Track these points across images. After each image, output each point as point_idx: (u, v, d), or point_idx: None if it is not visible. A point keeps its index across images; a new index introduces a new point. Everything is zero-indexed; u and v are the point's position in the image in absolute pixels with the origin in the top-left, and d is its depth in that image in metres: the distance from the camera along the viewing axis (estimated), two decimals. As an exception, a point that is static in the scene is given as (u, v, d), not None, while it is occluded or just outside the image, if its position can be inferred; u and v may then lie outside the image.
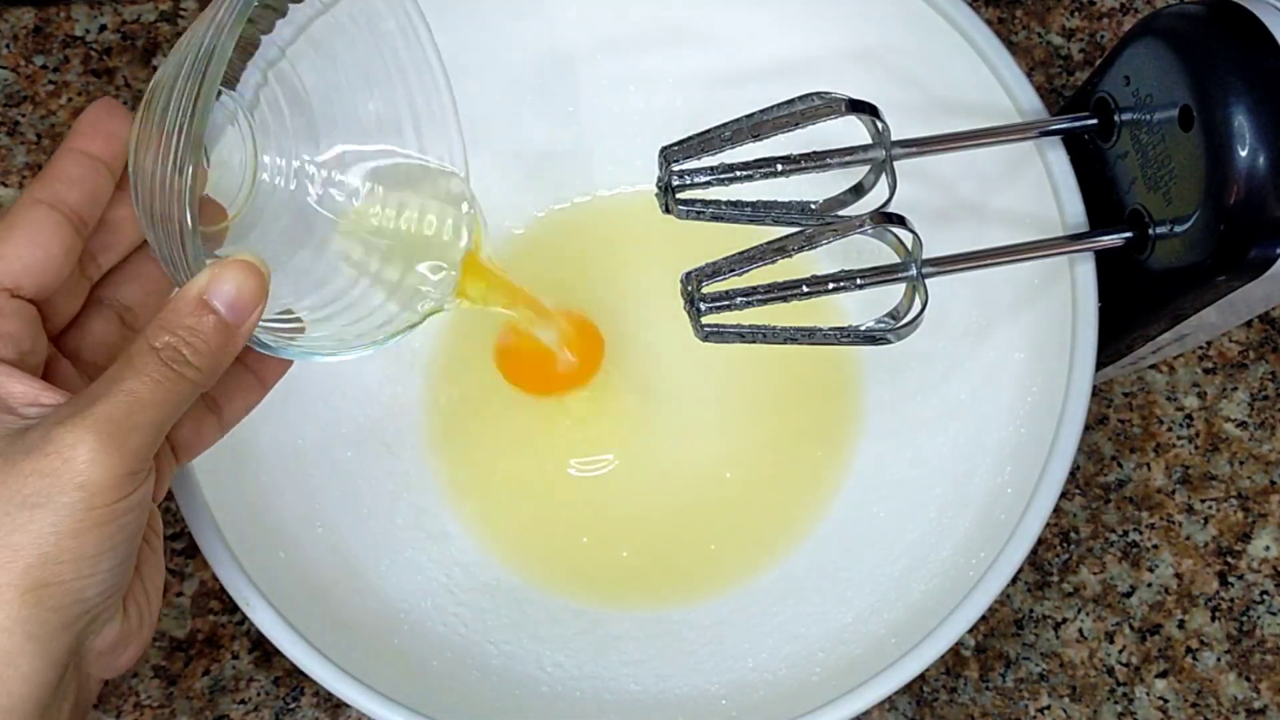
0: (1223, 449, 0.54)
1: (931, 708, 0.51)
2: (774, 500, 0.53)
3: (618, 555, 0.52)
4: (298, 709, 0.51)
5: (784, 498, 0.53)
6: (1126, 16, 0.59)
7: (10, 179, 0.57)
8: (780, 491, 0.53)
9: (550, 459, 0.53)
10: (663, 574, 0.52)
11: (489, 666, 0.48)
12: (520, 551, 0.52)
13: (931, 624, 0.43)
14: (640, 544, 0.52)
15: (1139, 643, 0.52)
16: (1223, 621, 0.52)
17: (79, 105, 0.58)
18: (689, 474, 0.53)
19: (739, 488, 0.53)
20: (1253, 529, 0.53)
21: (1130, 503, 0.53)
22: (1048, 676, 0.51)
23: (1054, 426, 0.45)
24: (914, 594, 0.47)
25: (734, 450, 0.54)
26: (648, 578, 0.52)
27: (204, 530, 0.44)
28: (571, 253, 0.56)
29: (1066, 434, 0.44)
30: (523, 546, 0.52)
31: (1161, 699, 0.51)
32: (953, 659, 0.52)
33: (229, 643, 0.52)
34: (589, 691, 0.48)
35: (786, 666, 0.48)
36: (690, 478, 0.53)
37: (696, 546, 0.52)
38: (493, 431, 0.54)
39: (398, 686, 0.43)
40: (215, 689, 0.51)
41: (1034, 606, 0.52)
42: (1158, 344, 0.47)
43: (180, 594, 0.52)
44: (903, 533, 0.50)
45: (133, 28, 0.59)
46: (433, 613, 0.49)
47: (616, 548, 0.52)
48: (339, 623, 0.46)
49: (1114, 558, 0.53)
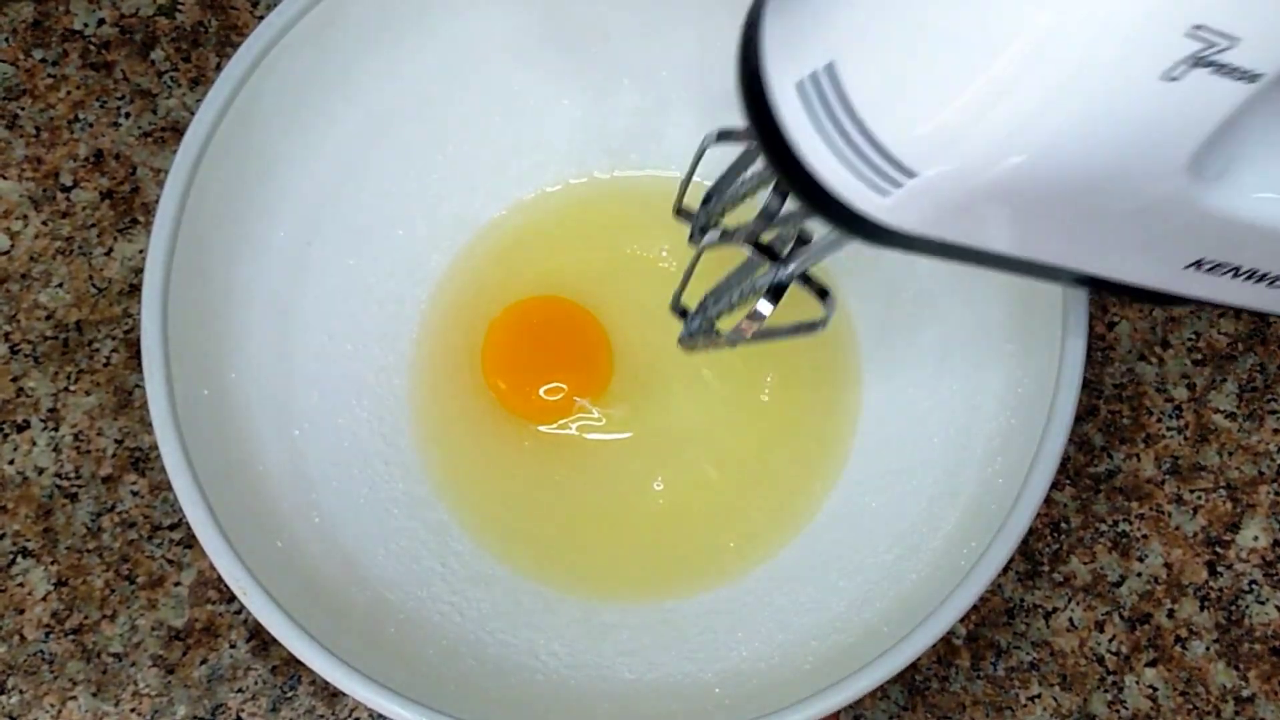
0: (1212, 440, 0.54)
1: (923, 696, 0.51)
2: (768, 492, 0.53)
3: (612, 546, 0.53)
4: (295, 697, 0.51)
5: (778, 489, 0.53)
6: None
7: (9, 172, 0.57)
8: (774, 483, 0.53)
9: (545, 451, 0.54)
10: (657, 565, 0.52)
11: (484, 655, 0.49)
12: (515, 541, 0.52)
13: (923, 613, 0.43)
14: (635, 535, 0.53)
15: (1129, 632, 0.52)
16: (1211, 611, 0.52)
17: (78, 99, 0.58)
18: (684, 465, 0.54)
19: (733, 480, 0.53)
20: (1241, 519, 0.53)
21: (1120, 493, 0.54)
22: (1038, 665, 0.52)
23: (1044, 417, 0.45)
24: (906, 583, 0.48)
25: (728, 442, 0.54)
26: (642, 569, 0.52)
27: (201, 520, 0.44)
28: (559, 238, 0.56)
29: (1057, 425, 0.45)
30: (517, 536, 0.52)
31: (1151, 687, 0.52)
32: (944, 648, 0.52)
33: (226, 632, 0.52)
34: (584, 680, 0.49)
35: (779, 655, 0.48)
36: (686, 469, 0.54)
37: (691, 538, 0.53)
38: (488, 423, 0.54)
39: (393, 675, 0.43)
40: (213, 678, 0.52)
41: (1024, 596, 0.53)
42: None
43: (178, 584, 0.52)
44: (895, 523, 0.50)
45: (131, 22, 0.59)
46: (428, 602, 0.49)
47: (611, 539, 0.53)
48: (335, 612, 0.46)
49: (1104, 547, 0.53)
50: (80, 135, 0.58)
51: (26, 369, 0.55)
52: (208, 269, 0.49)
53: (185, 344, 0.47)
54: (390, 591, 0.49)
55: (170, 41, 0.59)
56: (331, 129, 0.52)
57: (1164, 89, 0.27)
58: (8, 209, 0.57)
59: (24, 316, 0.56)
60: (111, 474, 0.54)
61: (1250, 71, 0.27)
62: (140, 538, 0.53)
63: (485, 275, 0.56)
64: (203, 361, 0.48)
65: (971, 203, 0.30)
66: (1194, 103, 0.28)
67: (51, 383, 0.55)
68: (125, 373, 0.55)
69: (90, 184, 0.57)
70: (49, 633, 0.52)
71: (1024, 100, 0.27)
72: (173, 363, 0.46)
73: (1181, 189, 0.30)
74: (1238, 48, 0.27)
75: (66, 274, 0.56)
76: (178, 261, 0.47)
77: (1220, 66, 0.27)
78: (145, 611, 0.52)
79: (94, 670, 0.52)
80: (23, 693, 0.51)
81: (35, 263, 0.56)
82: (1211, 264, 0.34)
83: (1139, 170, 0.29)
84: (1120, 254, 0.33)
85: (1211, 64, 0.27)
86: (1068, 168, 0.29)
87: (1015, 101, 0.27)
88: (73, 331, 0.55)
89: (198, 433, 0.46)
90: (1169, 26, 0.26)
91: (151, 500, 0.53)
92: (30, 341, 0.55)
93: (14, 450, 0.54)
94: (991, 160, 0.28)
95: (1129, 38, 0.26)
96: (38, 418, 0.54)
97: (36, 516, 0.53)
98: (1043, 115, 0.27)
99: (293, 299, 0.52)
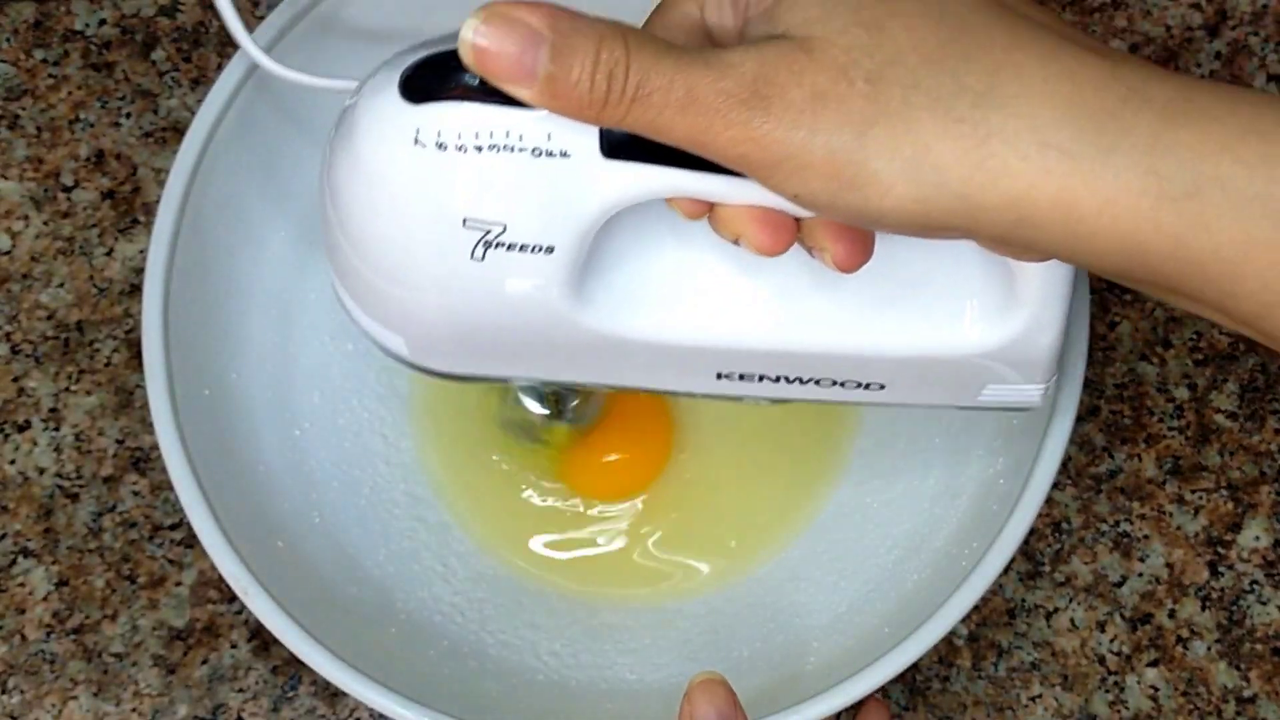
0: (1213, 440, 0.54)
1: (924, 696, 0.51)
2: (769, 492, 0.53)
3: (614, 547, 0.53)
4: (296, 697, 0.51)
5: (779, 490, 0.53)
6: (1118, 11, 0.59)
7: (10, 172, 0.57)
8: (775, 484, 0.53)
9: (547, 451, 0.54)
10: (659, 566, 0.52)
11: (485, 655, 0.49)
12: (515, 542, 0.52)
13: (925, 613, 0.43)
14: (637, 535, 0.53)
15: (1130, 632, 0.52)
16: (1213, 611, 0.52)
17: (79, 99, 0.58)
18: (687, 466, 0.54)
19: (734, 480, 0.54)
20: (1243, 519, 0.53)
21: (1121, 493, 0.54)
22: (1040, 665, 0.52)
23: (1046, 418, 0.45)
24: (907, 584, 0.48)
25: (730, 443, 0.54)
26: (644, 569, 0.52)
27: (202, 520, 0.44)
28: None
29: (1058, 425, 0.45)
30: (518, 537, 0.52)
31: (1152, 688, 0.52)
32: (945, 648, 0.52)
33: (228, 632, 0.52)
34: (585, 680, 0.49)
35: (781, 656, 0.48)
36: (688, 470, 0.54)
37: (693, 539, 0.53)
38: (490, 423, 0.54)
39: (395, 675, 0.43)
40: (214, 677, 0.52)
41: (1026, 596, 0.53)
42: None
43: (179, 584, 0.52)
44: (896, 523, 0.50)
45: (132, 22, 0.59)
46: (430, 602, 0.49)
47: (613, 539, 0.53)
48: (336, 611, 0.46)
49: (1105, 548, 0.53)
50: (81, 135, 0.58)
51: (27, 369, 0.55)
52: (209, 269, 0.49)
53: (186, 344, 0.47)
54: (391, 591, 0.49)
55: (171, 42, 0.59)
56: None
57: (477, 267, 0.35)
58: (9, 209, 0.57)
59: (25, 316, 0.56)
60: (112, 474, 0.54)
61: (539, 245, 0.34)
62: (141, 538, 0.53)
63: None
64: (204, 361, 0.48)
65: (451, 351, 0.38)
66: (506, 271, 0.35)
67: (52, 383, 0.55)
68: (126, 373, 0.55)
69: (91, 184, 0.57)
70: (50, 633, 0.52)
71: (404, 299, 0.37)
72: (174, 363, 0.46)
73: (568, 324, 0.37)
74: (510, 229, 0.34)
75: (67, 274, 0.56)
76: (179, 262, 0.47)
77: (509, 245, 0.34)
78: (146, 611, 0.52)
79: (95, 670, 0.52)
80: (24, 693, 0.51)
81: (36, 263, 0.56)
82: (727, 374, 0.40)
83: (533, 318, 0.36)
84: (611, 370, 0.40)
85: (500, 244, 0.34)
86: (486, 328, 0.37)
87: (407, 299, 0.36)
88: (74, 331, 0.55)
89: (199, 433, 0.46)
90: (448, 221, 0.34)
91: (152, 500, 0.53)
92: (31, 341, 0.55)
93: (15, 450, 0.54)
94: (436, 330, 0.37)
95: (432, 241, 0.34)
96: (39, 418, 0.54)
97: (37, 516, 0.53)
98: (420, 307, 0.36)
99: (294, 299, 0.52)
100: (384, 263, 0.36)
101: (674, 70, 0.31)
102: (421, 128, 0.33)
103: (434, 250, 0.35)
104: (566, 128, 0.33)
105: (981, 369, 0.40)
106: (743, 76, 0.30)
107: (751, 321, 0.39)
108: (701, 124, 0.31)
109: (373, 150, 0.34)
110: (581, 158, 0.33)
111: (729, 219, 0.34)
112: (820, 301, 0.39)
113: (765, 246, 0.34)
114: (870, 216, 0.32)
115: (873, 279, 0.36)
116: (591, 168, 0.33)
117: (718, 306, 0.39)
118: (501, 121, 0.33)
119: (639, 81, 0.30)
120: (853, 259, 0.34)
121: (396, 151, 0.34)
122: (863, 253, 0.34)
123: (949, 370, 0.40)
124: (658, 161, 0.33)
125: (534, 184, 0.34)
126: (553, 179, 0.33)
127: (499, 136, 0.33)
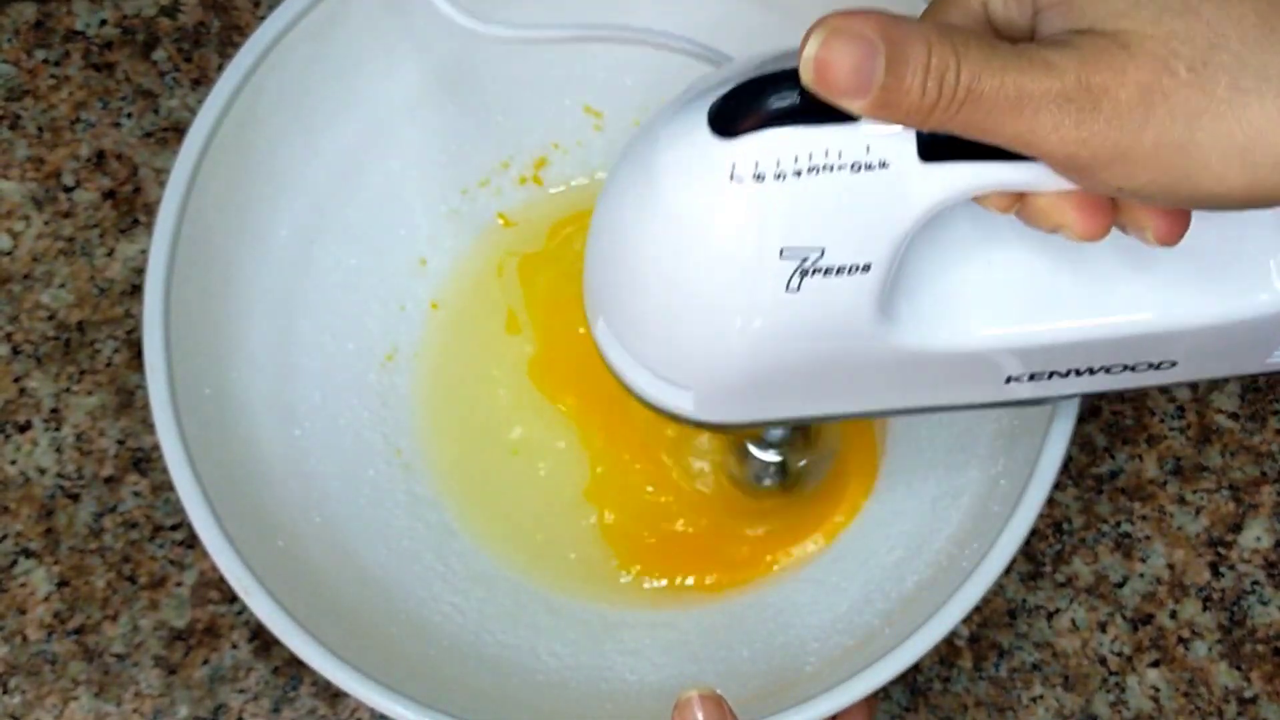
0: (1214, 440, 0.54)
1: (925, 697, 0.51)
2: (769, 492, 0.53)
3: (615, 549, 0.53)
4: (297, 698, 0.51)
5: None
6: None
7: (11, 172, 0.57)
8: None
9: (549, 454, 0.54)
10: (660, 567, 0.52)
11: (485, 655, 0.49)
12: (516, 541, 0.52)
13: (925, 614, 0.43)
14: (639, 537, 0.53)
15: (1131, 632, 0.52)
16: (1214, 611, 0.52)
17: (80, 99, 0.58)
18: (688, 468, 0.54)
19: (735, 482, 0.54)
20: (1244, 520, 0.53)
21: (1122, 494, 0.54)
22: (1041, 666, 0.52)
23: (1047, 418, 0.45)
24: (908, 584, 0.47)
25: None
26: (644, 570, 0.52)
27: (203, 520, 0.44)
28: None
29: (1060, 425, 0.45)
30: (518, 536, 0.52)
31: (1154, 688, 0.52)
32: (946, 649, 0.52)
33: (228, 632, 0.52)
34: (585, 681, 0.49)
35: (781, 656, 0.48)
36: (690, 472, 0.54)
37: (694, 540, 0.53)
38: (492, 425, 0.54)
39: (395, 675, 0.43)
40: (215, 678, 0.52)
41: (1027, 597, 0.53)
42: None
43: (180, 584, 0.52)
44: (897, 523, 0.50)
45: (133, 22, 0.59)
46: (430, 602, 0.49)
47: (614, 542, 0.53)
48: (337, 612, 0.46)
49: (1106, 548, 0.53)
50: (82, 135, 0.58)
51: (28, 369, 0.55)
52: (209, 269, 0.49)
53: (187, 344, 0.47)
54: (392, 591, 0.49)
55: (172, 42, 0.59)
56: (333, 129, 0.52)
57: (791, 299, 0.34)
58: (10, 209, 0.57)
59: (26, 317, 0.56)
60: (113, 474, 0.54)
61: (855, 265, 0.34)
62: (142, 538, 0.53)
63: (487, 275, 0.56)
64: (204, 361, 0.48)
65: (739, 398, 0.38)
66: (820, 297, 0.34)
67: (53, 383, 0.55)
68: (127, 373, 0.55)
69: (92, 184, 0.57)
70: (51, 633, 0.52)
71: (706, 345, 0.36)
72: (174, 363, 0.46)
73: (874, 345, 0.36)
74: (828, 253, 0.33)
75: (68, 274, 0.56)
76: (179, 262, 0.47)
77: (825, 270, 0.34)
78: (147, 612, 0.52)
79: (96, 671, 0.52)
80: (25, 693, 0.51)
81: (37, 263, 0.56)
82: (1018, 376, 0.39)
83: (842, 345, 0.36)
84: (894, 392, 0.39)
85: (816, 270, 0.34)
86: (789, 364, 0.36)
87: (708, 345, 0.36)
88: (74, 332, 0.55)
89: (199, 433, 0.46)
90: (763, 255, 0.33)
91: (153, 500, 0.53)
92: (32, 342, 0.55)
93: (16, 450, 0.54)
94: (734, 376, 0.36)
95: (744, 278, 0.34)
96: (40, 418, 0.54)
97: (38, 517, 0.53)
98: (721, 354, 0.36)
99: (294, 299, 0.52)
100: (687, 311, 0.35)
101: (1003, 71, 0.30)
102: (738, 162, 0.33)
103: (746, 289, 0.34)
104: (884, 137, 0.32)
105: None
106: (1066, 76, 0.30)
107: (1064, 312, 0.38)
108: (1031, 124, 0.30)
109: (684, 192, 0.34)
110: (900, 166, 0.32)
111: (1047, 208, 0.33)
112: (1133, 282, 0.38)
113: (1088, 232, 0.33)
114: (1200, 202, 0.31)
115: (1177, 250, 0.35)
116: (909, 174, 0.32)
117: (1027, 302, 0.38)
118: (820, 141, 0.32)
119: (969, 84, 0.30)
120: (1174, 232, 0.33)
121: (712, 190, 0.33)
122: (1183, 224, 0.34)
123: (1248, 334, 0.39)
124: (975, 158, 0.33)
125: (853, 200, 0.33)
126: (871, 192, 0.33)
127: (818, 157, 0.32)
